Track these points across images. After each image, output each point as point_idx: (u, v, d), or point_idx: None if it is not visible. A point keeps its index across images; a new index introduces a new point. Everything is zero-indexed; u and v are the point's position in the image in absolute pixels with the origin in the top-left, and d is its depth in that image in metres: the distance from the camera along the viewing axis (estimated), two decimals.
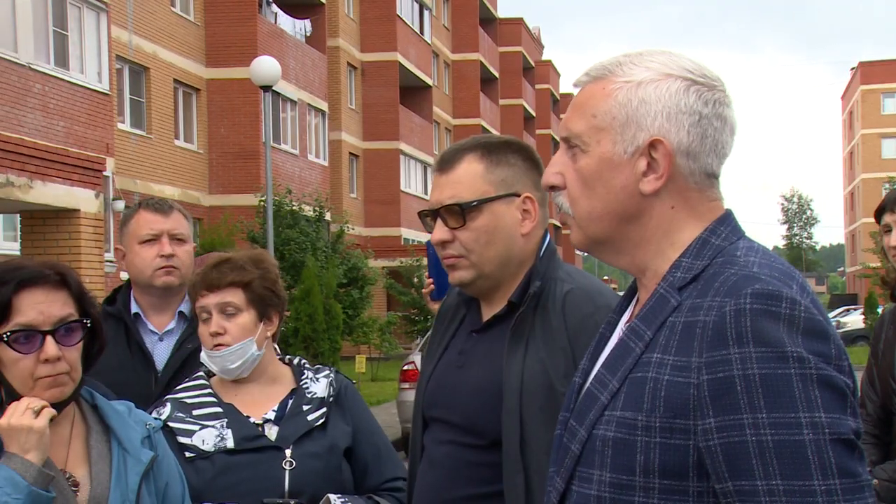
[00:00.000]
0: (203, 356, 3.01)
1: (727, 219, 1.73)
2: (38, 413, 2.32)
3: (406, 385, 13.50)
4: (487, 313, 2.64)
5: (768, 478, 1.49)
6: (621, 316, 1.84)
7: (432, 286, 3.52)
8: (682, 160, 1.69)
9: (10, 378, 2.38)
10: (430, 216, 2.62)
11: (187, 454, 2.86)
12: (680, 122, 1.69)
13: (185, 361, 3.51)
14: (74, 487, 2.41)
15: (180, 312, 3.66)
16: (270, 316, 3.01)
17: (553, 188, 1.77)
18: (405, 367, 13.87)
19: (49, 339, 2.36)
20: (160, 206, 3.67)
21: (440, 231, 2.58)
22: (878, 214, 3.81)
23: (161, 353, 3.58)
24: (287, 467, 2.87)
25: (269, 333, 3.02)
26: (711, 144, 1.71)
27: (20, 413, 2.32)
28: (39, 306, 2.37)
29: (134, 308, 3.64)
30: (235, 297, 2.95)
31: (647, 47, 1.79)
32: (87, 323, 2.43)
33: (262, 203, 21.09)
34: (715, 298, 1.58)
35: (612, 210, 1.71)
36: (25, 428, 2.31)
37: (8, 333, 2.35)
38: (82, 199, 14.30)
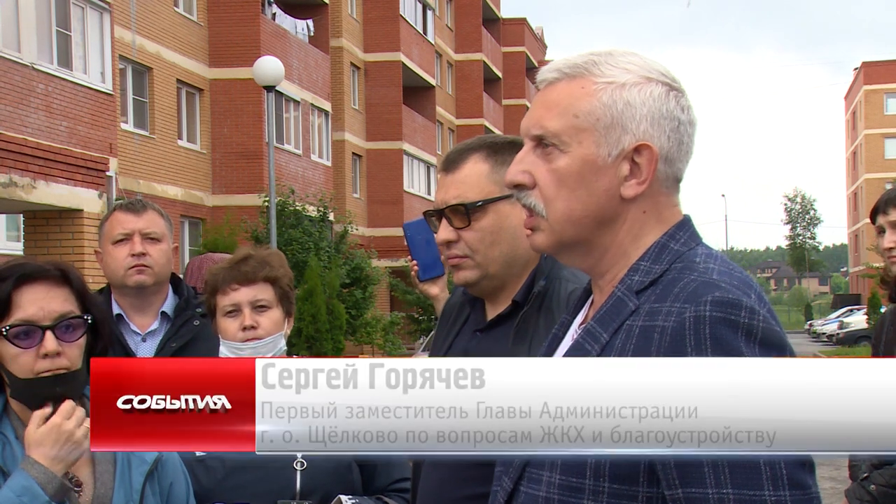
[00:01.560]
0: (225, 351, 2.96)
1: (686, 224, 1.72)
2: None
3: None
4: (492, 313, 2.64)
5: (719, 486, 1.49)
6: (574, 317, 1.83)
7: (416, 268, 3.50)
8: (661, 165, 1.68)
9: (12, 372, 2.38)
10: (435, 216, 2.62)
11: (197, 453, 2.84)
12: (662, 127, 1.68)
13: None
14: (77, 488, 2.40)
15: (163, 313, 3.65)
16: (290, 314, 3.02)
17: (518, 186, 1.73)
18: None
19: (49, 334, 2.36)
20: (133, 206, 3.66)
21: (445, 231, 2.58)
22: (873, 216, 3.78)
23: (145, 353, 3.57)
24: (298, 468, 2.86)
25: (287, 332, 3.03)
26: (685, 150, 1.71)
27: (76, 422, 2.31)
28: (39, 302, 2.37)
29: (116, 310, 3.62)
30: (267, 292, 2.95)
31: (613, 47, 1.76)
32: (87, 319, 2.42)
33: (265, 203, 21.10)
34: (674, 304, 1.57)
35: (591, 213, 1.68)
36: (76, 441, 2.31)
37: (7, 328, 2.35)
38: (85, 199, 14.32)
